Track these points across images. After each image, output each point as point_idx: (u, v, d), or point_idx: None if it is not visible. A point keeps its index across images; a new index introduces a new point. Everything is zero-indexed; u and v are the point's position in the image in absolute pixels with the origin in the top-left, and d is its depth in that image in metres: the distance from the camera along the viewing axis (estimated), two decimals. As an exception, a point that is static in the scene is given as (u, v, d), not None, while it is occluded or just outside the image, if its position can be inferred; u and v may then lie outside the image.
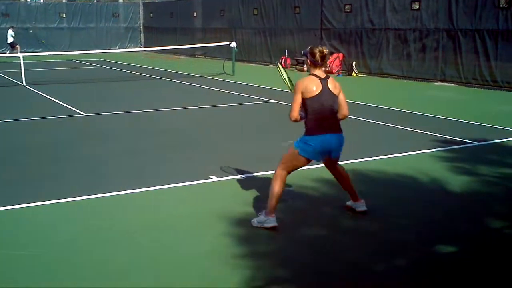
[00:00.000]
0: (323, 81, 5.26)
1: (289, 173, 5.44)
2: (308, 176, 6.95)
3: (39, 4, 36.55)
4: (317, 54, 5.25)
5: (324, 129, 5.28)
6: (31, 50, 31.19)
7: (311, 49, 5.32)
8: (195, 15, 31.56)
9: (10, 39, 29.43)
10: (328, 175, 7.04)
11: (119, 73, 21.81)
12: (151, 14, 36.69)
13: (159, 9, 36.16)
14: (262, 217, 5.34)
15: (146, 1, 38.81)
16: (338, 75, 20.51)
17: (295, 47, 23.77)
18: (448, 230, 5.34)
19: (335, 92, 5.33)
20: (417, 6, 18.53)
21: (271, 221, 5.27)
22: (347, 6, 21.16)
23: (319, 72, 5.29)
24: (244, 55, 26.32)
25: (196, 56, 30.50)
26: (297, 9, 23.80)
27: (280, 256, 4.79)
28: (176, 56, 30.90)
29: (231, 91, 15.74)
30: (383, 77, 19.48)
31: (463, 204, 6.19)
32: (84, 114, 11.92)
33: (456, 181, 6.86)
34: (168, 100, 14.16)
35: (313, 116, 5.25)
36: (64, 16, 35.22)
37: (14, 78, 18.58)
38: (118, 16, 36.98)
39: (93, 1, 38.73)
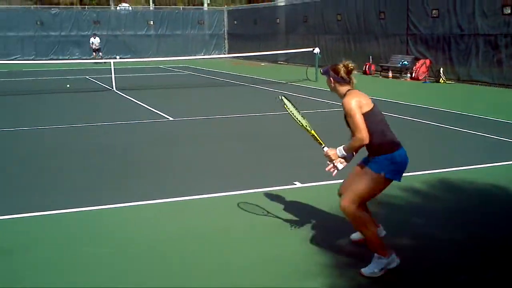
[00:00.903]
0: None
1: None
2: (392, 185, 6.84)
3: (128, 12, 37.98)
4: (342, 70, 4.64)
5: (399, 143, 4.62)
6: (121, 56, 32.43)
7: (333, 66, 4.68)
8: (278, 21, 31.77)
9: (96, 45, 30.76)
10: (414, 184, 6.93)
11: (205, 79, 22.29)
12: (235, 21, 37.25)
13: (243, 16, 36.68)
14: (377, 263, 4.45)
15: (230, 9, 39.48)
16: (425, 81, 20.04)
17: (379, 53, 23.45)
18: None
19: None
20: (509, 11, 17.82)
21: (393, 260, 4.48)
22: (434, 11, 20.64)
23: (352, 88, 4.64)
24: (327, 61, 26.19)
25: (279, 62, 30.69)
26: (382, 14, 23.45)
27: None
28: (259, 62, 31.21)
29: (314, 97, 15.72)
30: (472, 84, 18.84)
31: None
32: (171, 118, 12.27)
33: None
34: (252, 106, 14.34)
35: (381, 128, 4.53)
36: (152, 23, 36.39)
37: (105, 83, 19.40)
38: (203, 23, 37.82)
39: (179, 8, 39.78)
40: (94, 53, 30.84)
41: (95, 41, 30.71)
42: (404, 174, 7.38)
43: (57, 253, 4.96)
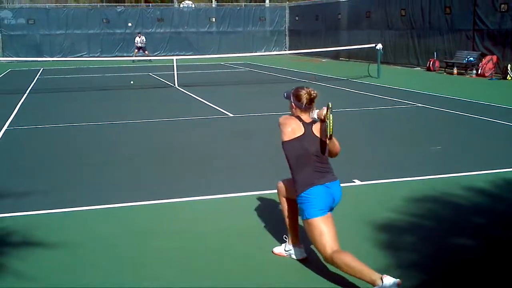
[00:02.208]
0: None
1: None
2: (458, 184, 6.69)
3: (191, 9, 38.48)
4: (304, 98, 4.47)
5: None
6: (183, 53, 32.91)
7: (296, 92, 4.53)
8: (340, 17, 31.46)
9: (141, 43, 30.86)
10: (478, 183, 6.73)
11: (265, 75, 22.35)
12: (297, 17, 37.13)
13: (304, 12, 36.50)
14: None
15: (292, 5, 39.36)
16: (491, 78, 19.39)
17: (444, 48, 22.86)
18: None
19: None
20: None
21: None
22: (503, 6, 19.93)
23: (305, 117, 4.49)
24: (390, 57, 25.79)
25: (341, 58, 30.40)
26: (448, 9, 22.83)
27: (424, 266, 4.63)
28: (320, 59, 31.01)
29: (376, 94, 15.49)
30: (542, 80, 18.12)
31: None
32: (231, 115, 12.36)
33: None
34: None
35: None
36: (214, 20, 36.74)
37: (167, 80, 19.74)
38: (265, 20, 37.88)
39: (241, 5, 40.01)
40: (136, 50, 30.86)
41: (140, 39, 30.93)
42: (468, 173, 7.24)
43: (127, 246, 5.09)
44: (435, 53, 23.03)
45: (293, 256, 4.72)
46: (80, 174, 7.59)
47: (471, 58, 20.66)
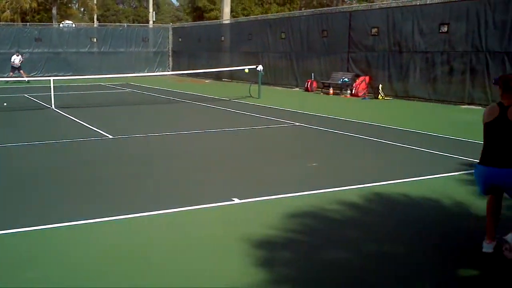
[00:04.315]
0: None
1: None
2: (332, 199, 6.94)
3: (71, 29, 37.34)
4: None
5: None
6: (62, 74, 31.79)
7: (504, 77, 5.19)
8: (223, 39, 31.90)
9: (16, 63, 29.47)
10: (351, 198, 7.02)
11: (147, 96, 22.09)
12: (180, 39, 37.17)
13: (188, 33, 36.66)
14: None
15: (175, 26, 39.39)
16: (364, 98, 20.46)
17: (321, 70, 23.83)
18: (471, 254, 5.24)
19: None
20: (446, 29, 18.46)
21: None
22: (374, 30, 21.18)
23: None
24: (270, 78, 26.46)
25: (223, 79, 30.76)
26: (325, 33, 23.87)
27: (301, 280, 4.75)
28: (203, 80, 31.20)
29: (257, 114, 15.80)
30: (410, 100, 19.36)
31: (482, 227, 6.06)
32: (111, 136, 12.07)
33: (480, 205, 6.73)
34: (194, 123, 14.26)
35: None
36: (95, 40, 35.90)
37: (44, 101, 18.94)
38: (148, 40, 37.58)
39: (124, 26, 39.42)
40: (11, 73, 29.41)
41: (18, 58, 29.52)
42: (341, 188, 7.55)
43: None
44: (312, 74, 23.95)
45: None
46: None
47: (346, 79, 21.70)
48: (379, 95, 20.14)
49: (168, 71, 36.43)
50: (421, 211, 6.68)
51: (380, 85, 20.30)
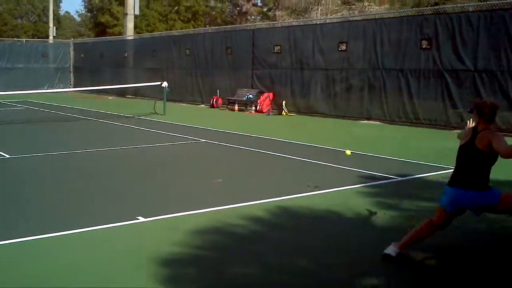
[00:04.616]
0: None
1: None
2: (239, 214, 7.00)
3: (-36, 43, 35.55)
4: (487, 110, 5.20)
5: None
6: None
7: (478, 104, 5.31)
8: (126, 55, 31.45)
9: None
10: (257, 213, 7.12)
11: (47, 113, 21.33)
12: (82, 55, 36.28)
13: (90, 49, 35.86)
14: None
15: (77, 41, 38.42)
16: (268, 114, 20.84)
17: (226, 87, 24.04)
18: (373, 264, 5.45)
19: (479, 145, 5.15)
20: (344, 47, 19.20)
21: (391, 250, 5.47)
22: (276, 47, 21.67)
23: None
24: (175, 95, 26.36)
25: (127, 96, 30.28)
26: (229, 50, 24.14)
27: (206, 295, 4.76)
28: (107, 97, 30.57)
29: (162, 131, 15.68)
30: (312, 116, 19.91)
31: (386, 237, 6.34)
32: (8, 156, 11.56)
33: (380, 216, 7.04)
34: (96, 141, 13.94)
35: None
36: (-9, 55, 34.33)
37: None
38: (48, 56, 36.37)
39: (22, 41, 37.96)
40: None
41: None
42: (246, 203, 7.64)
43: None
44: (218, 91, 24.11)
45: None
46: None
47: (251, 96, 22.03)
48: (283, 111, 20.59)
49: (70, 87, 35.39)
50: (325, 224, 6.88)
51: (284, 102, 20.76)
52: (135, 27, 40.16)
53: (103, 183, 9.15)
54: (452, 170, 5.44)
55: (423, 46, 16.97)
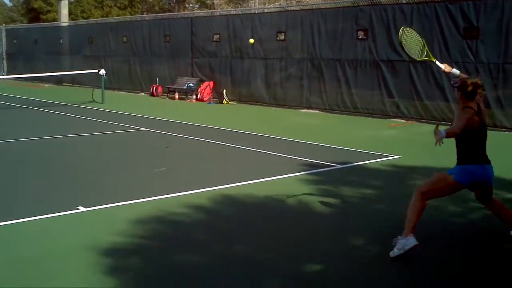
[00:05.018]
0: None
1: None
2: (181, 202, 6.98)
3: None
4: (470, 87, 5.22)
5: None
6: None
7: (463, 81, 5.32)
8: (61, 42, 30.58)
9: None
10: (199, 201, 7.12)
11: (-22, 102, 20.55)
12: (15, 41, 35.04)
13: (23, 35, 34.62)
14: (401, 241, 5.16)
15: (9, 28, 37.08)
16: (209, 102, 20.78)
17: (166, 75, 23.78)
18: (314, 250, 5.56)
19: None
20: (283, 37, 19.32)
21: (412, 240, 5.11)
22: (215, 36, 21.58)
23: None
24: (114, 83, 25.85)
25: (64, 84, 29.48)
26: (167, 38, 23.86)
27: (151, 285, 4.73)
28: (43, 84, 29.69)
29: (101, 119, 15.39)
30: (253, 104, 19.98)
31: (327, 224, 6.49)
32: None
33: (321, 203, 7.18)
34: (32, 130, 13.55)
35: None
36: None
37: None
38: (-23, 42, 34.96)
39: None
40: None
41: None
42: (189, 192, 7.64)
43: None
44: (157, 79, 23.82)
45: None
46: None
47: (191, 84, 21.89)
48: (224, 100, 20.56)
49: (3, 75, 34.13)
50: (266, 211, 6.96)
51: (225, 90, 20.73)
52: (70, 13, 39.09)
53: (40, 173, 8.92)
54: (394, 156, 5.55)
55: (359, 37, 17.25)
